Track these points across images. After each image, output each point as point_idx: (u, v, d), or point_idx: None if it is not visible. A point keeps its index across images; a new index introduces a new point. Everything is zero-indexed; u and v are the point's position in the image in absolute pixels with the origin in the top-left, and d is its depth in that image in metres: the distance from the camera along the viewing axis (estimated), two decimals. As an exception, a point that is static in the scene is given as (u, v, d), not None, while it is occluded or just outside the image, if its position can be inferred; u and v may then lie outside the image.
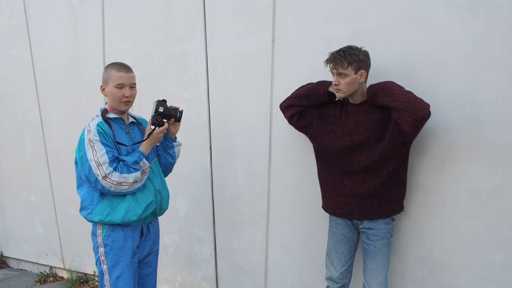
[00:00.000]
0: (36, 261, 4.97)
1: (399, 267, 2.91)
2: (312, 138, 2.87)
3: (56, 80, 4.45)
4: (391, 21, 2.84)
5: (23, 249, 5.04)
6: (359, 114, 2.69)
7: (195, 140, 3.66)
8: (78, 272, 4.62)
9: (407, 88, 2.60)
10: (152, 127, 2.72)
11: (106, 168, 2.54)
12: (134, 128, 2.83)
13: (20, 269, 5.14)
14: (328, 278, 2.87)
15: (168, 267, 3.97)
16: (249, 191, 3.48)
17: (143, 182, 2.69)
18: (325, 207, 2.91)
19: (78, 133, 2.75)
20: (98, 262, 2.76)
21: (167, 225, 3.83)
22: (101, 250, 2.71)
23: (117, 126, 2.72)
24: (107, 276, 2.72)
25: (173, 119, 2.76)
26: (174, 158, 2.93)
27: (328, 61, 2.64)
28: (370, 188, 2.68)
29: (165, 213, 3.62)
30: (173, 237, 3.90)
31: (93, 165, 2.54)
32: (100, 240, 2.71)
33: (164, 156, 2.90)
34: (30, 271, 5.04)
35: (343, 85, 2.62)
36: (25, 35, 4.58)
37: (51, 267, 4.89)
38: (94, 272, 4.48)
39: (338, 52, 2.61)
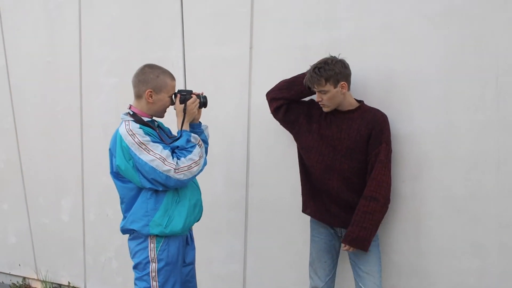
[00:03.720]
0: (8, 272, 4.85)
1: (377, 274, 2.93)
2: (296, 136, 2.87)
3: (32, 85, 4.38)
4: (368, 31, 2.88)
5: (-5, 259, 4.94)
6: (344, 121, 2.71)
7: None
8: (52, 283, 4.53)
9: (383, 97, 2.68)
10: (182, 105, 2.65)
11: (173, 160, 2.47)
12: (160, 131, 2.76)
13: (-8, 280, 5.04)
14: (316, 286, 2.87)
15: (145, 276, 3.92)
16: (227, 198, 3.47)
17: (204, 156, 2.65)
18: (305, 210, 2.91)
19: (53, 140, 2.69)
20: (143, 278, 2.59)
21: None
22: (153, 266, 2.56)
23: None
24: None
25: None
26: (207, 141, 2.85)
27: (306, 82, 2.68)
28: (350, 196, 2.70)
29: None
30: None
31: (157, 163, 2.44)
32: (153, 255, 2.56)
33: None
34: (3, 282, 4.93)
35: (326, 101, 2.66)
36: (-1, 40, 4.52)
37: (24, 278, 4.78)
38: (69, 283, 4.41)
39: (313, 70, 2.63)
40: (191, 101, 2.63)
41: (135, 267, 2.64)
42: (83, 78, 4.11)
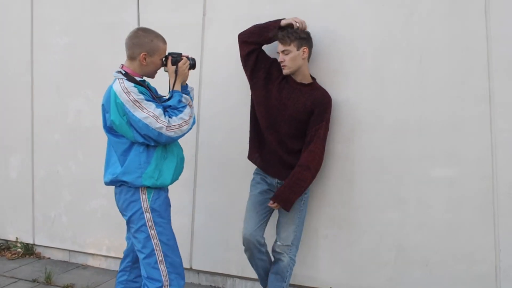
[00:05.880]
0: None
1: (313, 224, 3.26)
2: (253, 86, 3.09)
3: (-21, 43, 4.36)
4: (310, 5, 3.16)
5: None
6: (295, 91, 2.99)
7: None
8: (-1, 238, 4.61)
9: (323, 67, 3.02)
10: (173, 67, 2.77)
11: (165, 118, 2.60)
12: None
13: None
14: (245, 235, 3.05)
15: (95, 231, 4.09)
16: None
17: (193, 115, 2.77)
18: (250, 156, 3.18)
19: (2, 98, 2.68)
20: (141, 229, 2.68)
21: (95, 189, 3.96)
22: (148, 215, 2.67)
23: None
24: (156, 240, 2.68)
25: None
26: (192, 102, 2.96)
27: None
28: (284, 154, 3.01)
29: (93, 177, 3.74)
30: (101, 201, 4.02)
31: (150, 121, 2.56)
32: (146, 206, 2.68)
33: None
34: None
35: (287, 61, 2.92)
36: None
37: (-31, 234, 4.81)
38: (17, 238, 4.48)
39: (282, 30, 2.92)
40: (182, 63, 2.76)
41: (129, 221, 2.73)
42: (34, 37, 4.15)
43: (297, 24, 2.94)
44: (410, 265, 3.03)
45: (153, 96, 2.71)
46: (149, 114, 2.57)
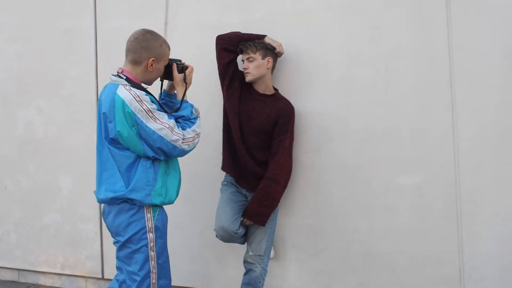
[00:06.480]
0: None
1: (280, 234, 3.26)
2: (228, 97, 3.03)
3: None
4: (278, 15, 3.17)
5: None
6: (258, 103, 3.00)
7: (82, 117, 3.65)
8: None
9: (290, 76, 3.08)
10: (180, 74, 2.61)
11: (179, 130, 2.43)
12: None
13: None
14: (221, 228, 2.95)
15: (48, 248, 3.88)
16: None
17: None
18: (223, 167, 3.15)
19: None
20: (141, 250, 2.46)
21: (48, 203, 3.78)
22: (151, 236, 2.46)
23: None
24: (153, 263, 2.47)
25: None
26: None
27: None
28: (252, 166, 3.00)
29: (45, 191, 3.61)
30: (55, 217, 3.83)
31: (166, 132, 2.38)
32: (150, 225, 2.46)
33: None
34: None
35: (251, 68, 2.93)
36: None
37: None
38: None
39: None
40: (189, 70, 2.61)
41: (127, 241, 2.47)
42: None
43: (278, 49, 2.98)
44: (378, 270, 3.08)
45: (161, 107, 2.50)
46: (163, 126, 2.38)
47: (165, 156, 2.46)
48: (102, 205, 2.70)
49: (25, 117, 3.85)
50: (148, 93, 2.45)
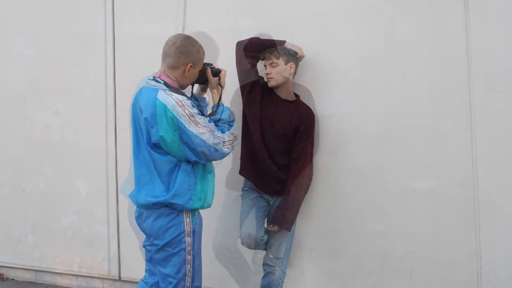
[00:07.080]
0: None
1: (297, 238, 3.26)
2: (248, 102, 3.04)
3: None
4: (295, 20, 3.19)
5: None
6: (280, 108, 3.02)
7: (99, 120, 3.69)
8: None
9: (310, 80, 3.07)
10: (215, 78, 2.63)
11: (219, 133, 2.45)
12: None
13: None
14: (248, 235, 2.97)
15: (65, 249, 3.93)
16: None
17: None
18: (241, 172, 3.15)
19: None
20: (179, 253, 2.47)
21: (66, 206, 3.82)
22: (189, 239, 2.48)
23: None
24: (189, 266, 2.48)
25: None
26: None
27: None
28: (274, 170, 3.02)
29: (63, 193, 3.65)
30: (72, 219, 3.87)
31: (208, 136, 2.40)
32: (189, 229, 2.48)
33: None
34: None
35: (274, 74, 2.95)
36: None
37: None
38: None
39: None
40: (223, 74, 2.62)
41: (166, 245, 2.47)
42: (-3, 48, 3.96)
43: (300, 53, 3.00)
44: (394, 275, 3.09)
45: (199, 109, 2.51)
46: (205, 130, 2.41)
47: (206, 159, 2.48)
48: (129, 207, 2.74)
49: (42, 121, 3.90)
50: (188, 97, 2.46)
